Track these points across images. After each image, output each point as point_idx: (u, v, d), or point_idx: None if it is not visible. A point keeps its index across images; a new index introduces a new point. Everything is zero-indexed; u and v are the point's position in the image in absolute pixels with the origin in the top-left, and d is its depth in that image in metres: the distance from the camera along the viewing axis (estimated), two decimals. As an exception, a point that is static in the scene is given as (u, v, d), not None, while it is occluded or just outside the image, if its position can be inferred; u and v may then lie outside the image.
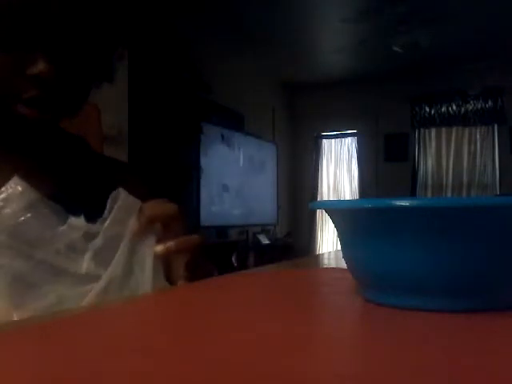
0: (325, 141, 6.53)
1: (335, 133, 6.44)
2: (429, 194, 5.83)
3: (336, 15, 4.19)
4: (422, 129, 5.90)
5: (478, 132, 5.70)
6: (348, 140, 6.40)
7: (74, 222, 0.46)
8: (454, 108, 5.74)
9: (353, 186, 6.35)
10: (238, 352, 0.24)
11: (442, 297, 0.32)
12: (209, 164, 4.15)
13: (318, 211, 5.54)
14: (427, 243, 0.31)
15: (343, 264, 0.40)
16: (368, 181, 6.06)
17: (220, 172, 4.43)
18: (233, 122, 4.86)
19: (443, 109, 5.78)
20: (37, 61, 0.52)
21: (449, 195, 5.80)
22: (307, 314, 0.35)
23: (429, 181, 5.89)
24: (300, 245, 6.05)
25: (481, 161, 5.67)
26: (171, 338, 0.28)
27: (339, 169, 6.49)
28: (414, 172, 5.89)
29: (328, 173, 6.52)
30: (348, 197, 6.33)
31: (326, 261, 0.84)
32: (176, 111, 3.61)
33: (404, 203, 0.31)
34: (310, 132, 6.45)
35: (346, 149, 6.42)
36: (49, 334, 0.29)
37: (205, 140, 4.06)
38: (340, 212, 0.37)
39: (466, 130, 5.75)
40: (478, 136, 5.70)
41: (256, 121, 5.38)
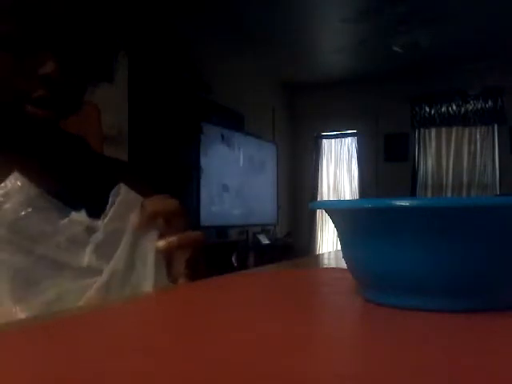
0: (325, 141, 6.53)
1: (335, 133, 6.43)
2: (429, 194, 5.83)
3: (336, 15, 4.19)
4: (422, 129, 5.90)
5: (478, 132, 5.70)
6: (348, 140, 6.40)
7: (76, 217, 0.46)
8: (454, 108, 5.73)
9: (353, 186, 6.35)
10: (238, 352, 0.24)
11: (442, 297, 0.32)
12: (209, 164, 4.15)
13: (318, 211, 5.54)
14: (427, 243, 0.31)
15: (343, 264, 0.40)
16: (368, 181, 6.06)
17: (220, 172, 4.43)
18: (233, 122, 4.85)
19: (443, 109, 5.77)
20: (45, 61, 0.52)
21: (449, 195, 5.80)
22: (307, 314, 0.35)
23: (429, 181, 5.89)
24: (300, 245, 6.05)
25: (481, 161, 5.67)
26: (172, 338, 0.28)
27: (339, 169, 6.48)
28: (414, 172, 5.89)
29: (328, 173, 6.52)
30: (348, 197, 6.33)
31: (326, 261, 0.84)
32: (176, 111, 3.61)
33: (404, 203, 0.31)
34: (310, 132, 6.45)
35: (346, 149, 6.42)
36: (51, 334, 0.29)
37: (205, 140, 4.06)
38: (340, 212, 0.37)
39: (466, 130, 5.75)
40: (478, 136, 5.70)
41: (256, 121, 5.37)
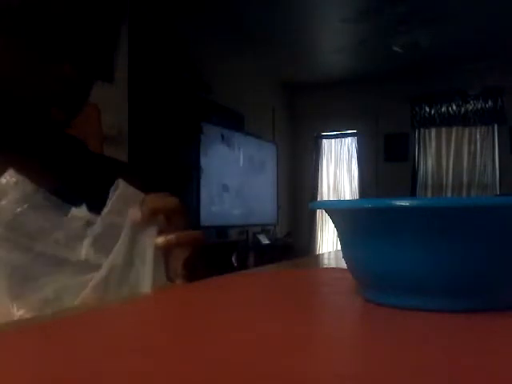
0: (325, 141, 6.53)
1: (335, 133, 6.44)
2: (429, 194, 5.83)
3: (336, 15, 4.19)
4: (422, 129, 5.90)
5: (478, 132, 5.70)
6: (348, 140, 6.40)
7: (76, 212, 0.46)
8: (454, 108, 5.73)
9: (353, 186, 6.35)
10: (238, 352, 0.24)
11: (442, 297, 0.32)
12: (209, 164, 4.15)
13: (318, 211, 5.54)
14: (427, 243, 0.31)
15: (343, 264, 0.40)
16: (368, 181, 6.06)
17: (220, 172, 4.43)
18: (233, 122, 4.85)
19: (443, 109, 5.78)
20: (63, 62, 0.53)
21: (449, 195, 5.80)
22: (307, 314, 0.35)
23: (429, 181, 5.89)
24: (300, 245, 6.05)
25: (481, 161, 5.67)
26: (171, 338, 0.28)
27: (339, 169, 6.48)
28: (414, 172, 5.89)
29: (328, 173, 6.52)
30: (348, 197, 6.33)
31: (326, 261, 0.84)
32: (176, 111, 3.61)
33: (404, 203, 0.31)
34: (310, 132, 6.45)
35: (346, 149, 6.42)
36: (48, 334, 0.29)
37: (205, 140, 4.06)
38: (340, 212, 0.37)
39: (466, 130, 5.75)
40: (478, 136, 5.70)
41: (256, 121, 5.37)
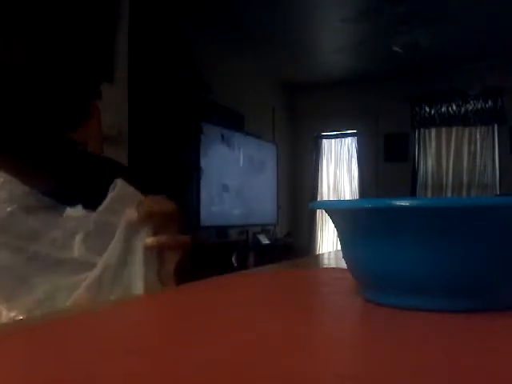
0: (325, 141, 6.53)
1: (335, 133, 6.43)
2: (429, 194, 5.82)
3: (336, 15, 4.19)
4: (422, 129, 5.90)
5: (478, 132, 5.70)
6: (348, 140, 6.40)
7: (70, 212, 0.46)
8: (454, 108, 5.73)
9: (353, 186, 6.35)
10: (238, 352, 0.24)
11: (442, 297, 0.32)
12: (209, 164, 4.15)
13: (318, 211, 5.54)
14: (427, 243, 0.31)
15: (343, 264, 0.40)
16: (368, 181, 6.06)
17: (220, 172, 4.43)
18: (233, 122, 4.85)
19: (443, 109, 5.77)
20: (63, 64, 0.54)
21: (449, 195, 5.80)
22: (307, 314, 0.35)
23: (429, 181, 5.89)
24: (300, 245, 6.05)
25: (481, 161, 5.67)
26: (171, 338, 0.28)
27: (339, 169, 6.48)
28: (414, 172, 5.89)
29: (328, 173, 6.52)
30: (348, 197, 6.33)
31: (326, 261, 0.84)
32: (176, 111, 3.61)
33: (404, 203, 0.31)
34: (310, 132, 6.45)
35: (346, 149, 6.42)
36: (40, 336, 0.29)
37: (205, 140, 4.06)
38: (340, 212, 0.37)
39: (466, 130, 5.75)
40: (478, 136, 5.70)
41: (256, 121, 5.37)
